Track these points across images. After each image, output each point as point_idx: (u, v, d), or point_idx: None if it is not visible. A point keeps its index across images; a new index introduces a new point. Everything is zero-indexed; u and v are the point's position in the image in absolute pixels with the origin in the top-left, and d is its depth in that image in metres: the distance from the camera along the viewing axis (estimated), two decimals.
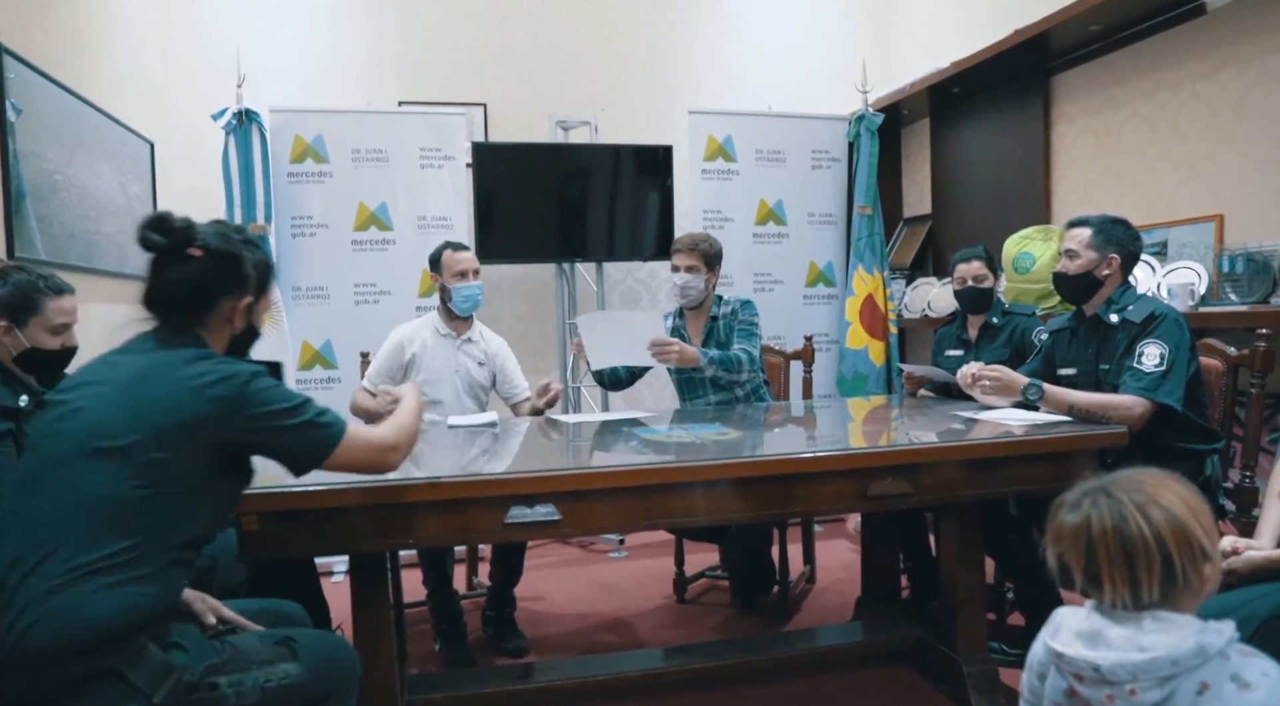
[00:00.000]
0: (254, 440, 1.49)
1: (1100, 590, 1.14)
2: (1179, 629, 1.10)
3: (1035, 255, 3.40)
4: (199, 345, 1.52)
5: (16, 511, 1.39)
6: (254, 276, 1.59)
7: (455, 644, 2.84)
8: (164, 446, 1.39)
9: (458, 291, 3.05)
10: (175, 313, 1.53)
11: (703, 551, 3.63)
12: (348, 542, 1.84)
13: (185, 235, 1.50)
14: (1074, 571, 1.15)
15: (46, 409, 1.48)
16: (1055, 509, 1.20)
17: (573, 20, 4.70)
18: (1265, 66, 2.85)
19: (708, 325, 3.14)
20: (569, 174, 4.28)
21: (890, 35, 5.07)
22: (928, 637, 2.56)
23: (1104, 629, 1.13)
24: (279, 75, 4.26)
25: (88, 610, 1.31)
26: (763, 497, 1.99)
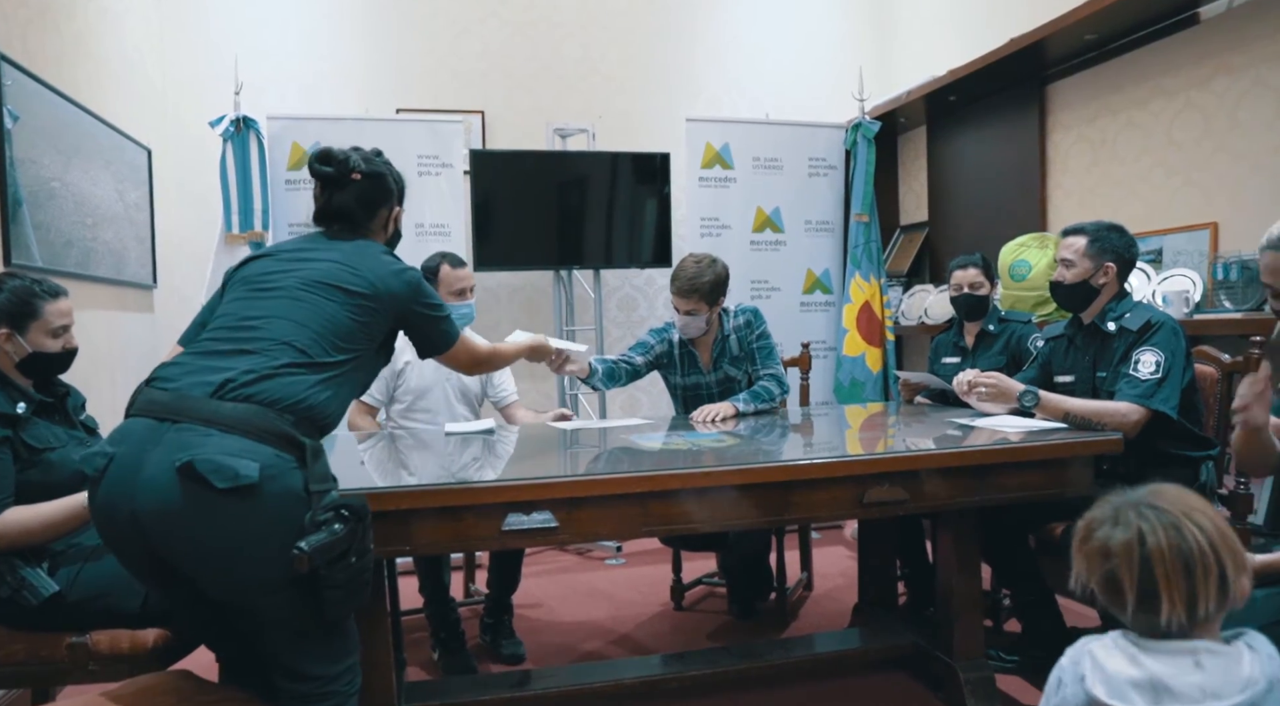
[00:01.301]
0: (415, 320, 1.90)
1: (1153, 610, 1.06)
2: (1239, 662, 1.05)
3: (1031, 263, 3.41)
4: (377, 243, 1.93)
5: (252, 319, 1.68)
6: (397, 189, 2.02)
7: (453, 651, 2.84)
8: (375, 299, 1.78)
9: (455, 309, 2.97)
10: (349, 224, 1.91)
11: (700, 558, 3.63)
12: None
13: (347, 165, 1.88)
14: (1125, 591, 1.07)
15: (262, 262, 1.84)
16: (1087, 528, 1.13)
17: (571, 28, 4.72)
18: (1258, 75, 2.87)
19: (718, 344, 3.05)
20: (566, 181, 4.29)
21: (887, 44, 5.09)
22: (924, 644, 2.56)
23: (1163, 676, 1.04)
24: (277, 82, 4.27)
25: (309, 391, 1.62)
26: (760, 504, 1.99)
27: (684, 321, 2.95)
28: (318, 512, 1.51)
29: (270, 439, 1.54)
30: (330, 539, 1.49)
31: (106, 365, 3.38)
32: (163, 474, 1.48)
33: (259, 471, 1.48)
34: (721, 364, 3.06)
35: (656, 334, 3.15)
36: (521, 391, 4.59)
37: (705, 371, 3.09)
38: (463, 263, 3.08)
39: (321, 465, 1.58)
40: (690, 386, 3.11)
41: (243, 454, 1.49)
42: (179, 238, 4.23)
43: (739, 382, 3.06)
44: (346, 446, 2.58)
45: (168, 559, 1.55)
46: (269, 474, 1.50)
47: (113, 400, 3.20)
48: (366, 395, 3.00)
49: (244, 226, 3.68)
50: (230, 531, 1.49)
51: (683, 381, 3.12)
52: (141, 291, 3.94)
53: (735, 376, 3.07)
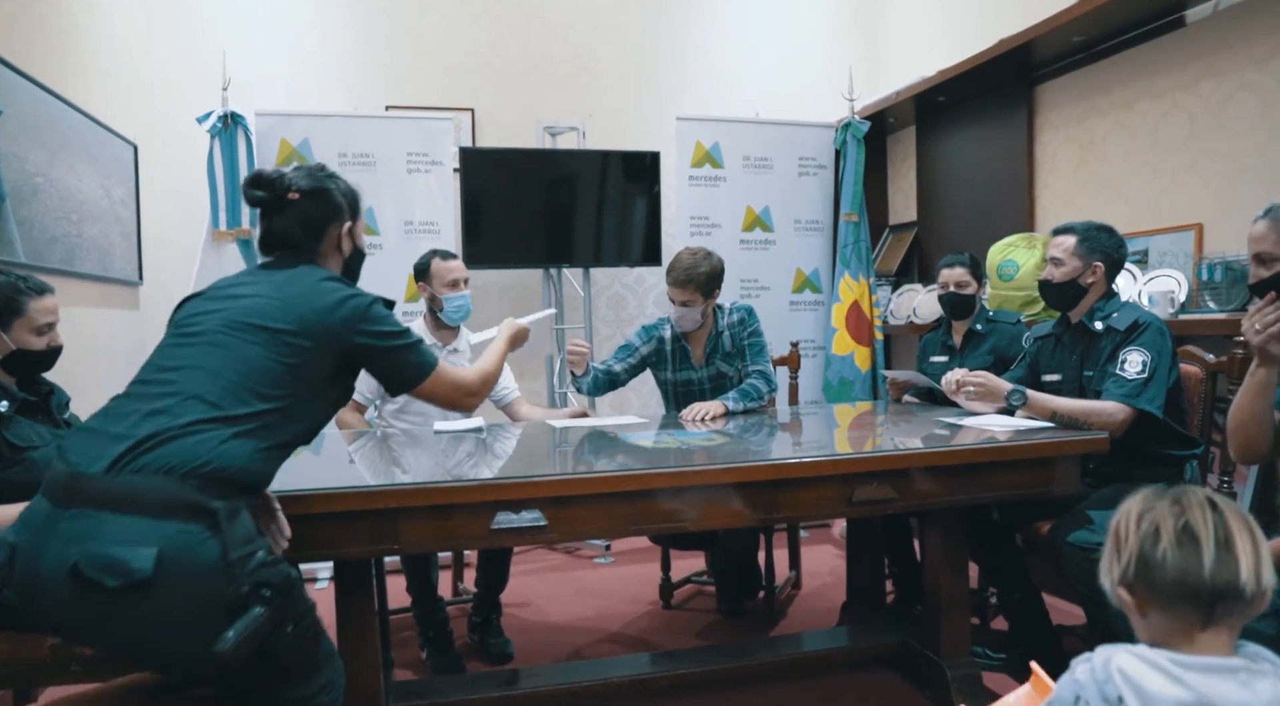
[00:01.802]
0: (369, 353, 1.69)
1: (1232, 561, 1.02)
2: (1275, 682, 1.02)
3: (1019, 263, 3.43)
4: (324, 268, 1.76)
5: (167, 371, 1.53)
6: (345, 203, 1.81)
7: (442, 651, 2.83)
8: (306, 336, 1.59)
9: (449, 301, 3.03)
10: (293, 249, 1.74)
11: (689, 557, 3.63)
12: (331, 548, 1.83)
13: (282, 185, 1.73)
14: (1202, 538, 1.03)
15: (194, 302, 1.67)
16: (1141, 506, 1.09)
17: (561, 26, 4.71)
18: (1243, 78, 2.89)
19: (711, 339, 3.08)
20: (556, 179, 4.28)
21: (877, 44, 5.11)
22: (912, 642, 2.57)
23: (1208, 694, 0.99)
24: (265, 79, 4.25)
25: (218, 449, 1.44)
26: (749, 503, 2.00)
27: (680, 313, 2.97)
28: (241, 584, 1.39)
29: (172, 511, 1.37)
30: (253, 627, 1.38)
31: (91, 363, 3.36)
32: (58, 576, 1.34)
33: (155, 559, 1.33)
34: (714, 360, 3.08)
35: (645, 333, 3.16)
36: None
37: (698, 367, 3.10)
38: (453, 255, 3.10)
39: (240, 526, 1.44)
40: (682, 382, 3.12)
41: (139, 539, 1.34)
42: (165, 234, 4.20)
43: (731, 379, 3.07)
44: (335, 445, 2.57)
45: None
46: (171, 556, 1.34)
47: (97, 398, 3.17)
48: (357, 393, 2.98)
49: (231, 223, 3.66)
50: (143, 627, 1.37)
51: (674, 377, 3.13)
52: (127, 288, 3.91)
53: (727, 372, 3.08)
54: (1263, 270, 1.80)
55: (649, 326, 3.19)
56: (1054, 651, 2.48)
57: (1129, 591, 1.09)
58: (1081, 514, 2.20)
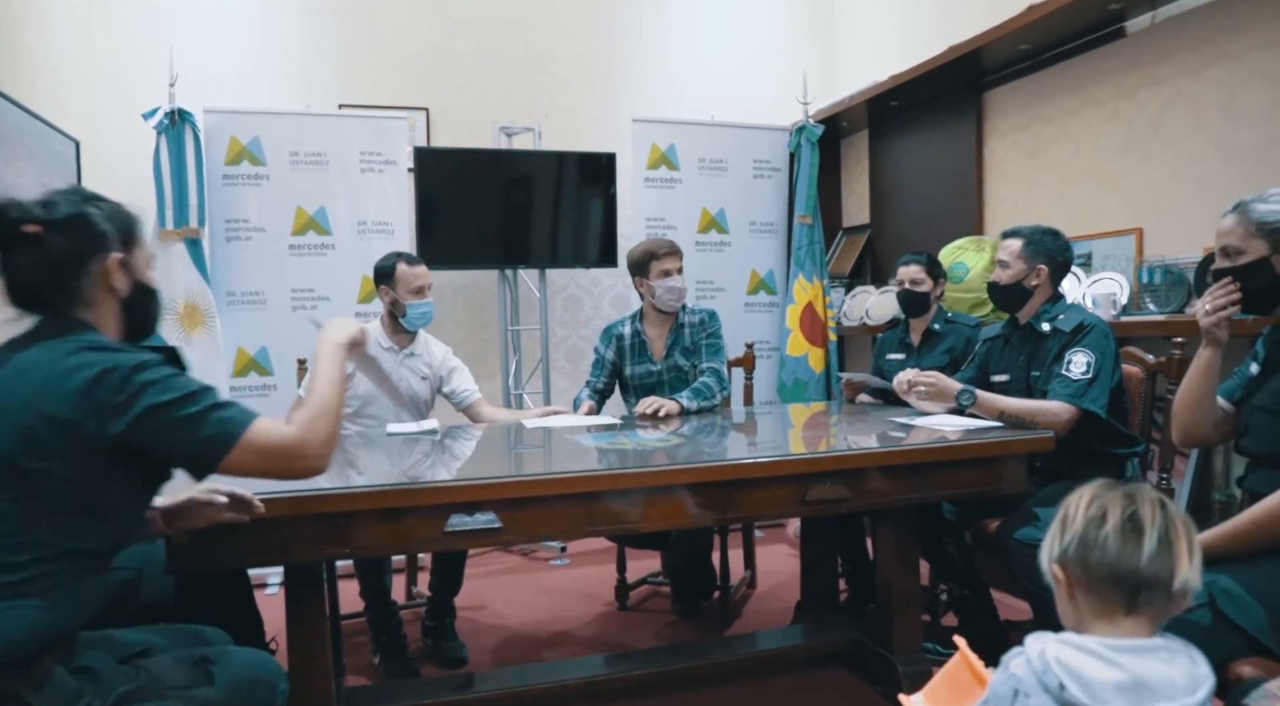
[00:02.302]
0: (144, 437, 1.31)
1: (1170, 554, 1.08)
2: (1190, 657, 1.09)
3: (969, 265, 3.50)
4: (84, 329, 1.38)
5: None
6: (112, 229, 1.42)
7: (395, 655, 2.80)
8: (41, 455, 1.26)
9: (414, 308, 2.98)
10: (45, 300, 1.39)
11: (645, 558, 3.64)
12: (282, 553, 1.80)
13: (12, 217, 1.34)
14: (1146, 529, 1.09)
15: None
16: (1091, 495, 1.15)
17: (517, 26, 4.69)
18: (1179, 88, 2.99)
19: (674, 331, 3.18)
20: (512, 180, 4.26)
21: (831, 48, 5.17)
22: (865, 640, 2.60)
23: (1141, 674, 1.06)
24: (214, 75, 4.16)
25: None
26: (704, 503, 2.01)
27: (679, 283, 3.10)
28: None
29: None
30: None
31: None
32: None
33: None
34: (674, 354, 3.15)
35: (605, 339, 3.25)
36: None
37: (655, 361, 3.17)
38: (419, 261, 3.05)
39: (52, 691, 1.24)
40: (641, 375, 3.19)
41: None
42: None
43: (688, 374, 3.15)
44: None
45: None
46: None
47: None
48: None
49: (179, 222, 3.57)
50: None
51: (633, 369, 3.20)
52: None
53: (685, 368, 3.16)
54: (1226, 261, 1.86)
55: (606, 329, 3.28)
56: (1002, 646, 2.52)
57: (1063, 569, 1.15)
58: (1028, 511, 2.25)
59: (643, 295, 3.21)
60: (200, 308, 3.60)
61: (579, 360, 4.81)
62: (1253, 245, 1.79)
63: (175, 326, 3.57)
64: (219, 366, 3.62)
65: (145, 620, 1.77)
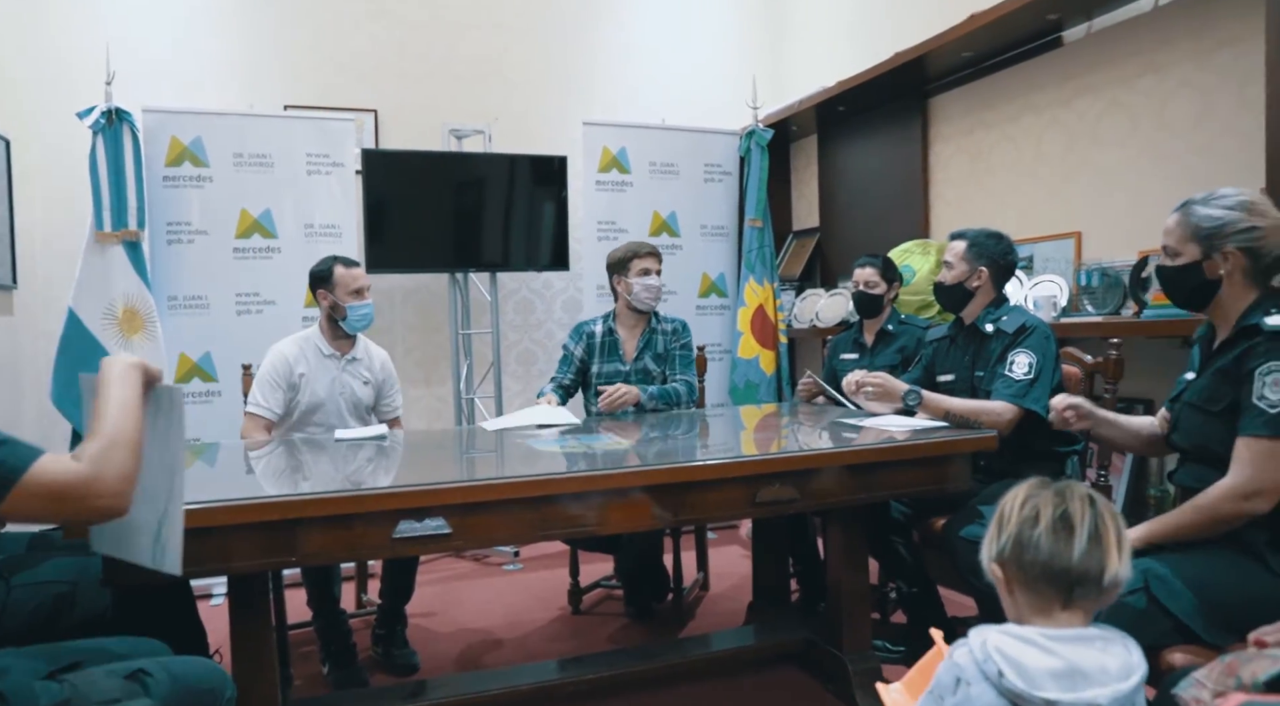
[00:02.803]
0: None
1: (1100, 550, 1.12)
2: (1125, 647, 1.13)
3: (915, 268, 3.56)
4: None
5: None
6: None
7: (344, 665, 2.76)
8: None
9: (354, 310, 2.94)
10: None
11: (598, 561, 3.63)
12: (225, 562, 1.75)
13: None
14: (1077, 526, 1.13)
15: None
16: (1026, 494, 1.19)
17: (466, 28, 4.66)
18: (1115, 97, 3.08)
19: (646, 334, 3.27)
20: (463, 183, 4.23)
21: (780, 54, 5.23)
22: (816, 639, 2.63)
23: (1076, 661, 1.10)
24: (153, 74, 4.06)
25: None
26: (656, 506, 2.01)
27: (658, 283, 3.21)
28: None
29: None
30: None
31: None
32: None
33: None
34: (644, 357, 3.24)
35: (575, 335, 3.31)
36: (415, 397, 4.53)
37: (625, 361, 3.24)
38: (355, 262, 3.02)
39: None
40: (609, 374, 3.24)
41: None
42: (43, 234, 3.98)
43: (655, 378, 3.25)
44: (232, 454, 2.48)
45: None
46: None
47: None
48: (263, 408, 2.88)
49: (117, 225, 3.47)
50: None
51: (601, 368, 3.25)
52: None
53: (654, 372, 3.25)
54: (1166, 260, 1.90)
55: (577, 327, 3.35)
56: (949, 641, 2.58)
57: (1001, 568, 1.20)
58: (973, 509, 2.30)
59: (618, 295, 3.29)
60: (140, 312, 3.50)
61: (531, 364, 4.79)
62: (1188, 249, 1.83)
63: (114, 332, 3.47)
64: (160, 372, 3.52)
65: (81, 635, 1.72)
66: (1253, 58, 2.51)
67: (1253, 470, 1.67)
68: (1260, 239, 1.75)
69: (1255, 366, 1.69)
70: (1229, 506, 1.69)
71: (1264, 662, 1.17)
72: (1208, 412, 1.81)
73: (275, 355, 2.94)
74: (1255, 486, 1.67)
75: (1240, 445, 1.70)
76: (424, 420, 4.54)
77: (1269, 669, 1.15)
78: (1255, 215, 1.76)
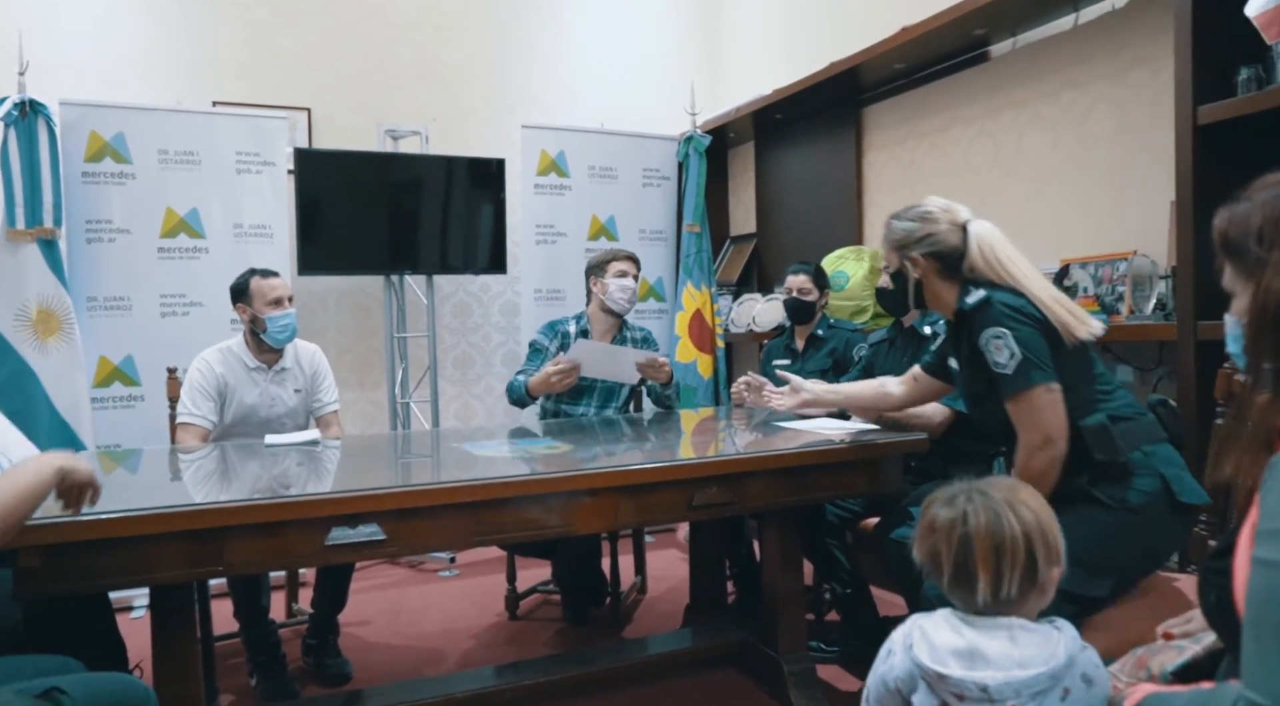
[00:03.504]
0: None
1: (966, 585, 1.20)
2: (1048, 640, 1.18)
3: (849, 274, 3.64)
4: None
5: None
6: None
7: (273, 676, 2.68)
8: None
9: (274, 321, 2.85)
10: None
11: (535, 567, 3.61)
12: (148, 573, 1.69)
13: None
14: (943, 564, 1.21)
15: None
16: (927, 505, 1.27)
17: (403, 27, 4.59)
18: (1038, 110, 3.19)
19: (618, 340, 3.30)
20: (399, 184, 4.17)
21: (718, 61, 5.28)
22: (752, 640, 2.66)
23: (979, 645, 1.18)
24: (72, 65, 3.91)
25: None
26: (592, 510, 2.01)
27: (623, 284, 3.21)
28: None
29: None
30: None
31: None
32: None
33: None
34: None
35: (548, 332, 3.30)
36: (349, 401, 4.44)
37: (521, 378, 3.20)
38: (273, 273, 2.93)
39: None
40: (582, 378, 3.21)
41: None
42: None
43: (622, 383, 3.27)
44: (156, 460, 2.40)
45: None
46: None
47: None
48: (199, 417, 2.79)
49: (31, 221, 3.32)
50: None
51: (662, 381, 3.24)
52: None
53: None
54: (885, 274, 2.18)
55: (551, 324, 3.34)
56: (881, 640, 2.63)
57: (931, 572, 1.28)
58: (904, 511, 2.34)
59: (592, 297, 3.31)
60: (56, 314, 3.36)
61: (468, 367, 4.74)
62: (891, 259, 2.12)
63: (28, 334, 3.33)
64: (78, 377, 3.39)
65: None
66: (1163, 77, 2.63)
67: (1028, 424, 1.81)
68: (937, 242, 2.00)
69: (975, 342, 1.88)
70: (1034, 463, 1.80)
71: (1170, 654, 1.22)
72: (983, 396, 1.96)
73: (201, 363, 2.86)
74: (1039, 436, 1.79)
75: (1009, 409, 1.84)
76: (358, 425, 4.46)
77: (1175, 659, 1.20)
78: (929, 223, 2.02)
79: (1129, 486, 1.78)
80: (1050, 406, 1.79)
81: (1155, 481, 1.78)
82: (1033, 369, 1.79)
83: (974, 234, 1.98)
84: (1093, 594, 1.72)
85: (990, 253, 1.95)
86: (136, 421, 3.57)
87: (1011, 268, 1.93)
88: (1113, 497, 1.77)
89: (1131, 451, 1.79)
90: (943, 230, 2.01)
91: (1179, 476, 1.79)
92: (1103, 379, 1.89)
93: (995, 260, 1.94)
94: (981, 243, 1.96)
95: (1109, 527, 1.75)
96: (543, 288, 4.30)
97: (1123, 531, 1.76)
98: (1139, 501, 1.76)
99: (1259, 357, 0.98)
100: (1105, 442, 1.78)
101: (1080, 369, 1.86)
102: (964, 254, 1.97)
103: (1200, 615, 1.22)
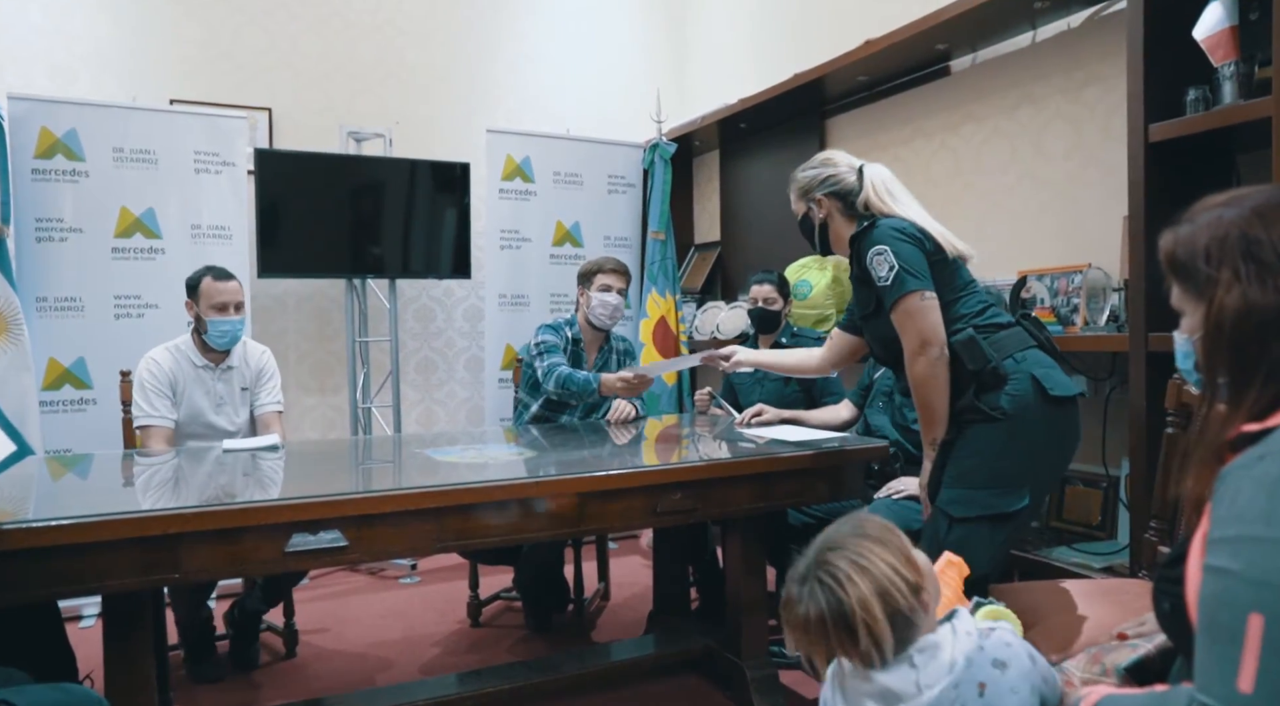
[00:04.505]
0: None
1: (849, 664, 1.21)
2: (942, 649, 1.18)
3: (812, 283, 3.67)
4: None
5: None
6: None
7: (201, 659, 2.71)
8: None
9: (214, 326, 2.81)
10: None
11: (497, 573, 3.59)
12: (99, 581, 1.65)
13: None
14: (816, 661, 1.22)
15: None
16: (785, 592, 1.26)
17: (367, 29, 4.55)
18: (997, 126, 3.26)
19: (604, 352, 3.30)
20: (361, 187, 4.12)
21: (684, 70, 5.31)
22: (716, 646, 2.67)
23: (888, 684, 1.18)
24: (21, 59, 3.81)
25: None
26: (555, 516, 2.01)
27: (617, 301, 3.20)
28: None
29: None
30: None
31: None
32: None
33: None
34: (601, 371, 3.24)
35: (552, 331, 3.24)
36: (309, 406, 4.38)
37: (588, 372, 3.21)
38: (230, 276, 2.90)
39: None
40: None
41: None
42: None
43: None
44: (109, 466, 2.34)
45: None
46: None
47: None
48: (159, 417, 2.76)
49: None
50: None
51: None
52: None
53: None
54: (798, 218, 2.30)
55: (550, 325, 3.27)
56: None
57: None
58: None
59: (579, 306, 3.29)
60: (4, 314, 3.27)
61: (430, 372, 4.70)
62: (798, 206, 2.25)
63: None
64: (26, 379, 3.30)
65: None
66: (1116, 94, 2.70)
67: (908, 330, 1.93)
68: (836, 182, 2.15)
69: (863, 261, 2.01)
70: (916, 368, 1.91)
71: (1125, 652, 1.26)
72: (872, 315, 2.07)
73: (150, 363, 2.83)
74: (918, 340, 1.91)
75: (893, 320, 1.96)
76: (318, 430, 4.39)
77: (1129, 656, 1.23)
78: (829, 166, 2.18)
79: (1003, 392, 1.87)
80: (925, 312, 1.91)
81: (1025, 382, 1.88)
82: (908, 277, 1.91)
83: (868, 174, 2.13)
84: (1016, 508, 1.83)
85: (881, 187, 2.10)
86: (89, 425, 3.48)
87: (898, 202, 2.09)
88: (992, 406, 1.86)
89: (1004, 360, 1.90)
90: (842, 171, 2.16)
91: (1048, 374, 1.90)
92: (972, 287, 2.04)
93: (886, 194, 2.09)
94: (874, 180, 2.11)
95: (997, 439, 1.86)
96: (507, 293, 4.29)
97: (1010, 438, 1.86)
98: (1012, 405, 1.86)
99: (1213, 373, 1.00)
100: (975, 353, 1.89)
101: (956, 284, 2.01)
102: (860, 191, 2.12)
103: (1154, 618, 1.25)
